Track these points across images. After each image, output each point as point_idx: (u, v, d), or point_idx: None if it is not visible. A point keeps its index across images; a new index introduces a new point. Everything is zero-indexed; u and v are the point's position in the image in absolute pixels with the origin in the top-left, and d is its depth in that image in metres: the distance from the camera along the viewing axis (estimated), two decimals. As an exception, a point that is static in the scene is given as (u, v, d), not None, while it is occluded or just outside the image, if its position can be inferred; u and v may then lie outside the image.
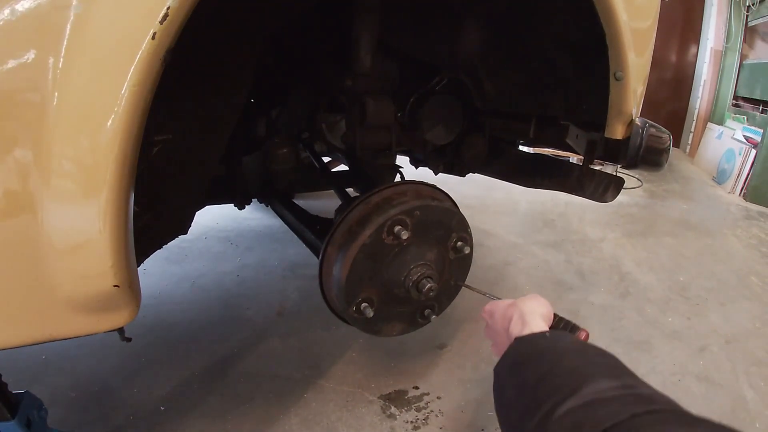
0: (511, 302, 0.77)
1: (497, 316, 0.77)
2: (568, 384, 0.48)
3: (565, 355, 0.55)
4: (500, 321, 0.75)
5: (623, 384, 0.47)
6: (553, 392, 0.48)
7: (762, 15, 3.99)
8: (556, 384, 0.50)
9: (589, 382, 0.47)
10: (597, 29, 0.90)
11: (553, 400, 0.47)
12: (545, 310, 0.73)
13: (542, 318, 0.70)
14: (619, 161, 1.08)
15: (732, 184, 3.72)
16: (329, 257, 1.02)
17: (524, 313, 0.69)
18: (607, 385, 0.46)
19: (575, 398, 0.46)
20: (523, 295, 0.77)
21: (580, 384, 0.47)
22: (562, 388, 0.48)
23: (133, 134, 0.56)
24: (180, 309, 1.73)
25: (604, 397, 0.45)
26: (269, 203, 1.70)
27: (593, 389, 0.46)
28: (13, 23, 0.52)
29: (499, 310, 0.78)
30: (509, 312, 0.73)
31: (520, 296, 0.78)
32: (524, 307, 0.71)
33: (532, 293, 0.79)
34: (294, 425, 1.23)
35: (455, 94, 1.40)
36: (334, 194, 1.52)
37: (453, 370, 1.46)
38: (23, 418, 0.85)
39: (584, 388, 0.47)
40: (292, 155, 1.35)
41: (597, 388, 0.46)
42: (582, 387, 0.47)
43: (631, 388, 0.46)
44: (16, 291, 0.60)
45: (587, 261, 2.30)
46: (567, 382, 0.49)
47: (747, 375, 1.48)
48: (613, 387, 0.46)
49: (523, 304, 0.73)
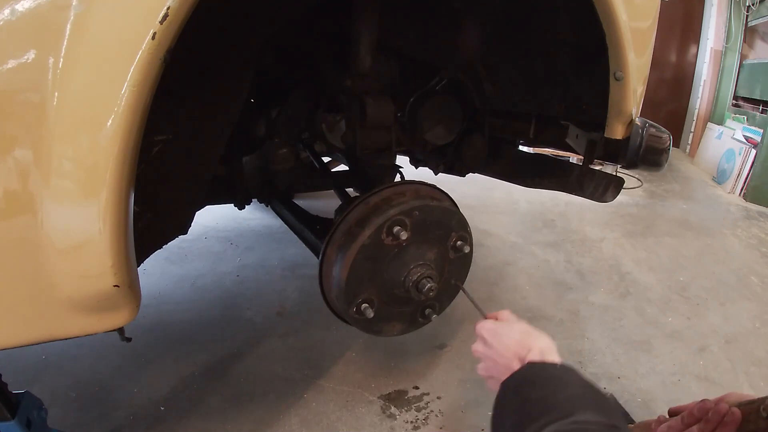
0: (524, 330, 0.76)
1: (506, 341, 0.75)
2: (564, 408, 0.55)
3: (569, 385, 0.60)
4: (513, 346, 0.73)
5: (612, 423, 0.52)
6: (549, 412, 0.55)
7: (762, 15, 4.00)
8: (553, 405, 0.56)
9: (582, 411, 0.53)
10: (597, 29, 0.90)
11: (547, 418, 0.53)
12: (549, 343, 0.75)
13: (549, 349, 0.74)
14: (619, 161, 1.08)
15: (732, 184, 3.72)
16: (329, 258, 1.02)
17: (543, 350, 0.71)
18: (597, 420, 0.53)
19: (566, 422, 0.52)
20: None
21: (573, 411, 0.53)
22: (557, 409, 0.55)
23: (133, 134, 0.56)
24: (180, 309, 1.73)
25: (590, 428, 0.51)
26: (269, 203, 1.70)
27: (583, 418, 0.52)
28: (13, 23, 0.52)
29: (509, 335, 0.75)
30: (527, 342, 0.73)
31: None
32: (542, 343, 0.73)
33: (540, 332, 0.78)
34: (294, 425, 1.23)
35: (455, 94, 1.40)
36: (334, 194, 1.52)
37: (453, 370, 1.46)
38: (23, 418, 0.85)
39: (576, 414, 0.53)
40: (292, 155, 1.35)
41: (587, 419, 0.52)
42: (574, 413, 0.53)
43: (617, 429, 0.52)
44: (17, 291, 0.60)
45: (587, 261, 2.30)
46: (563, 406, 0.55)
47: (747, 375, 1.48)
48: (601, 423, 0.52)
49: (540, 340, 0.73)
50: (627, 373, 1.48)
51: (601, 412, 0.54)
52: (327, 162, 1.99)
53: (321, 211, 1.48)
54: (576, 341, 1.63)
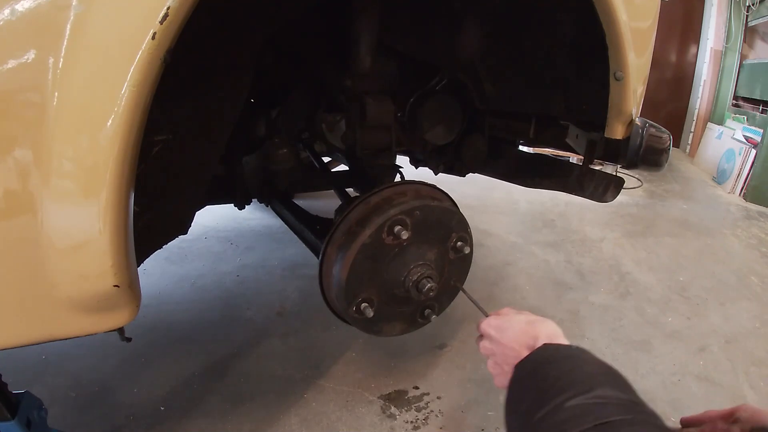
0: (528, 319, 0.76)
1: (512, 333, 0.75)
2: (584, 383, 0.54)
3: (586, 362, 0.61)
4: (520, 336, 0.73)
5: (633, 400, 0.53)
6: (569, 387, 0.55)
7: (762, 15, 3.99)
8: (573, 381, 0.56)
9: (602, 387, 0.53)
10: (597, 29, 0.90)
11: (567, 393, 0.53)
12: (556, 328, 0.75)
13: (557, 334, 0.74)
14: (619, 161, 1.08)
15: (732, 184, 3.72)
16: (329, 257, 1.02)
17: (551, 335, 0.72)
18: (618, 396, 0.53)
19: (587, 395, 0.52)
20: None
21: (594, 386, 0.53)
22: (577, 385, 0.54)
23: (133, 134, 0.56)
24: (180, 309, 1.73)
25: (613, 402, 0.51)
26: (269, 203, 1.70)
27: (603, 393, 0.52)
28: (13, 23, 0.52)
29: (514, 326, 0.75)
30: (533, 330, 0.73)
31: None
32: (549, 329, 0.73)
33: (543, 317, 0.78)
34: (294, 425, 1.23)
35: (455, 94, 1.40)
36: (334, 194, 1.52)
37: (453, 370, 1.46)
38: (23, 418, 0.85)
39: (597, 389, 0.53)
40: (292, 155, 1.35)
41: (608, 393, 0.52)
42: (595, 388, 0.53)
43: (639, 405, 0.52)
44: (17, 291, 0.60)
45: (587, 261, 2.30)
46: (584, 381, 0.55)
47: (747, 375, 1.48)
48: (622, 399, 0.53)
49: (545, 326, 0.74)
50: (627, 373, 1.45)
51: (620, 389, 0.54)
52: (327, 162, 1.99)
53: (321, 211, 1.48)
54: (576, 341, 1.61)
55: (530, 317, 0.76)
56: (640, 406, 0.52)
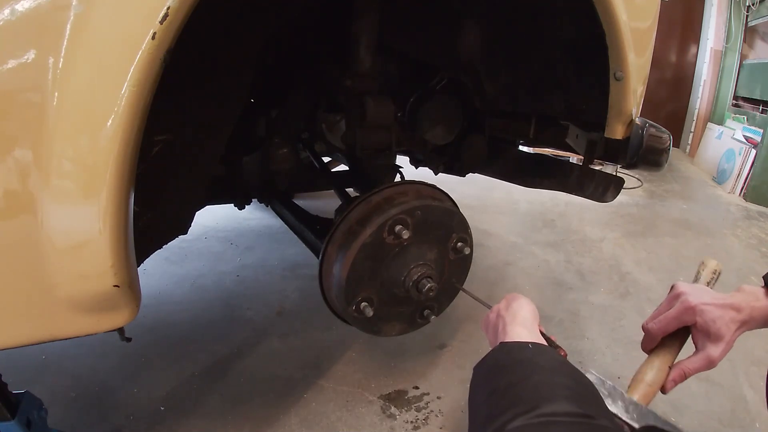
0: (497, 311, 0.78)
1: (490, 329, 0.78)
2: (529, 401, 0.50)
3: (538, 370, 0.56)
4: (492, 334, 0.76)
5: (583, 413, 0.48)
6: (514, 404, 0.50)
7: (762, 15, 4.00)
8: (519, 396, 0.52)
9: (549, 403, 0.49)
10: (597, 29, 0.90)
11: (512, 411, 0.49)
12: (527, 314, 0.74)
13: (524, 325, 0.71)
14: (619, 161, 1.08)
15: (732, 184, 3.72)
16: (329, 257, 1.02)
17: (506, 324, 0.71)
18: (566, 410, 0.48)
19: (529, 415, 0.48)
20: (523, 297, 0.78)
21: (539, 403, 0.49)
22: (523, 401, 0.50)
23: (133, 134, 0.56)
24: (180, 309, 1.73)
25: (558, 420, 0.47)
26: (269, 203, 1.70)
27: (550, 410, 0.48)
28: (13, 23, 0.52)
29: (490, 322, 0.79)
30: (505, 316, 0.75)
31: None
32: (507, 317, 0.73)
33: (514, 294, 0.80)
34: (294, 425, 1.23)
35: (455, 94, 1.40)
36: (334, 194, 1.52)
37: (453, 370, 1.46)
38: (23, 418, 0.85)
39: (542, 406, 0.48)
40: (292, 155, 1.35)
41: (554, 410, 0.48)
42: (541, 405, 0.48)
43: (589, 418, 0.48)
44: (16, 291, 0.60)
45: (587, 261, 2.30)
46: (530, 397, 0.51)
47: (747, 375, 1.48)
48: (571, 413, 0.48)
49: (506, 312, 0.75)
50: (627, 373, 1.47)
51: (572, 400, 0.50)
52: (327, 162, 1.99)
53: (321, 211, 1.48)
54: (576, 341, 1.63)
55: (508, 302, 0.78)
56: (591, 418, 0.48)
